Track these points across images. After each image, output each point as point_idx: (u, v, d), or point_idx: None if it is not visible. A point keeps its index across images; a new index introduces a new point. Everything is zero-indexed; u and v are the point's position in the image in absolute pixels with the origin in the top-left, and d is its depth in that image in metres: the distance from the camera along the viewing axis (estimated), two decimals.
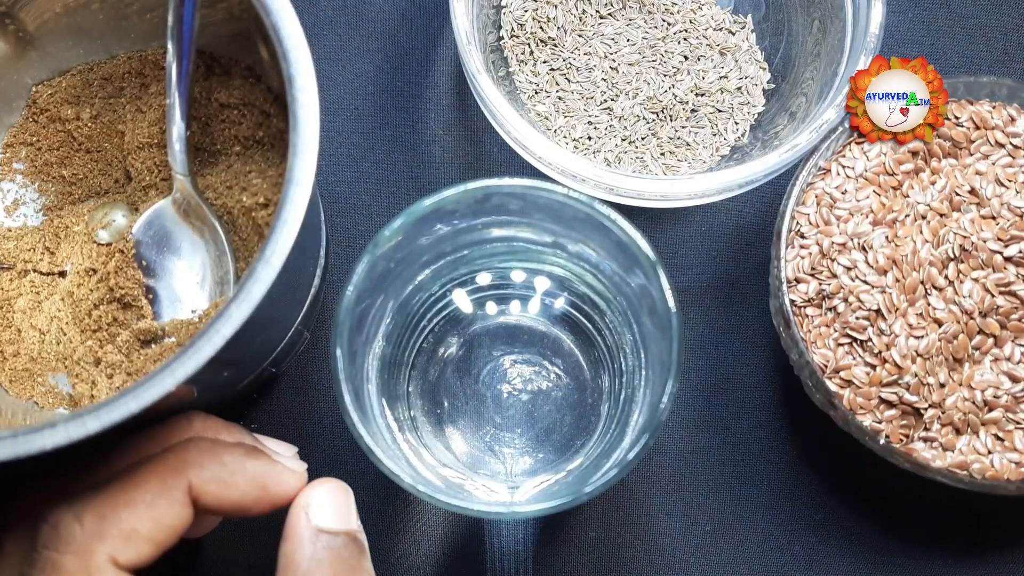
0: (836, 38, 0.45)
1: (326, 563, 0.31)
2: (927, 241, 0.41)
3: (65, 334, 0.42)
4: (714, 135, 0.48)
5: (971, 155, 0.43)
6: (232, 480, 0.31)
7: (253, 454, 0.32)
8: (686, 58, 0.48)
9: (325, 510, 0.32)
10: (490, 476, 0.40)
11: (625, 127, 0.47)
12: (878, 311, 0.40)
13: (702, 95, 0.48)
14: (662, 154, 0.47)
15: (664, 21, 0.48)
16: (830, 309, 0.41)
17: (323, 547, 0.31)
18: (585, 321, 0.41)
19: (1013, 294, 0.40)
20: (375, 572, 0.43)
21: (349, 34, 0.50)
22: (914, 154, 0.43)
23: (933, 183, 0.42)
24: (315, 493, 0.32)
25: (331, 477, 0.33)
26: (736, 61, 0.48)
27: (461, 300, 0.41)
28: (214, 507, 0.31)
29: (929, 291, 0.41)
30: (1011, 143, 0.43)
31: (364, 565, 0.32)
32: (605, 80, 0.48)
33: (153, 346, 0.41)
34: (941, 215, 0.42)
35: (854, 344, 0.41)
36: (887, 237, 0.41)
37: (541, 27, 0.48)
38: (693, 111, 0.48)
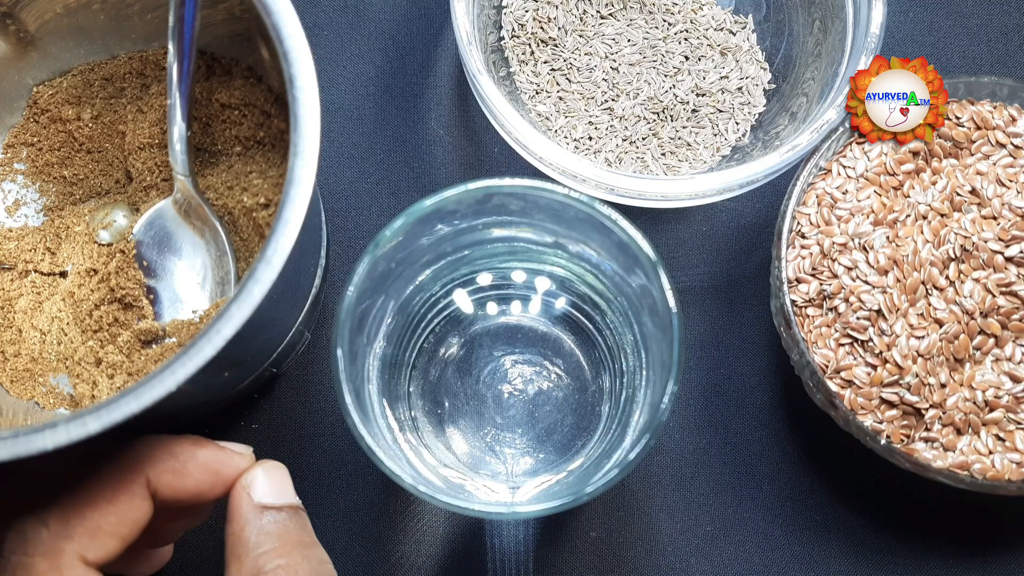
0: (837, 38, 0.45)
1: (274, 535, 0.32)
2: (928, 241, 0.41)
3: (66, 334, 0.42)
4: (715, 135, 0.48)
5: (972, 155, 0.43)
6: (185, 469, 0.32)
7: (201, 443, 0.33)
8: (687, 58, 0.48)
9: (266, 488, 0.33)
10: (491, 476, 0.40)
11: (626, 127, 0.47)
12: (879, 311, 0.40)
13: (703, 95, 0.48)
14: (663, 154, 0.47)
15: (665, 21, 0.48)
16: (831, 309, 0.41)
17: (269, 522, 0.32)
18: (586, 321, 0.41)
19: (1014, 294, 0.40)
20: (376, 572, 0.44)
21: (350, 34, 0.50)
22: (915, 154, 0.43)
23: (934, 183, 0.42)
24: (254, 474, 0.33)
25: (268, 459, 0.34)
26: (737, 61, 0.48)
27: (462, 300, 0.41)
28: (171, 497, 0.32)
29: (930, 291, 0.41)
30: (1012, 143, 0.43)
31: (308, 533, 0.33)
32: (606, 80, 0.48)
33: (154, 346, 0.41)
34: (942, 215, 0.42)
35: (855, 344, 0.41)
36: (888, 237, 0.41)
37: (542, 27, 0.48)
38: (694, 111, 0.48)
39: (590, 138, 0.47)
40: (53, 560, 0.29)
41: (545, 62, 0.48)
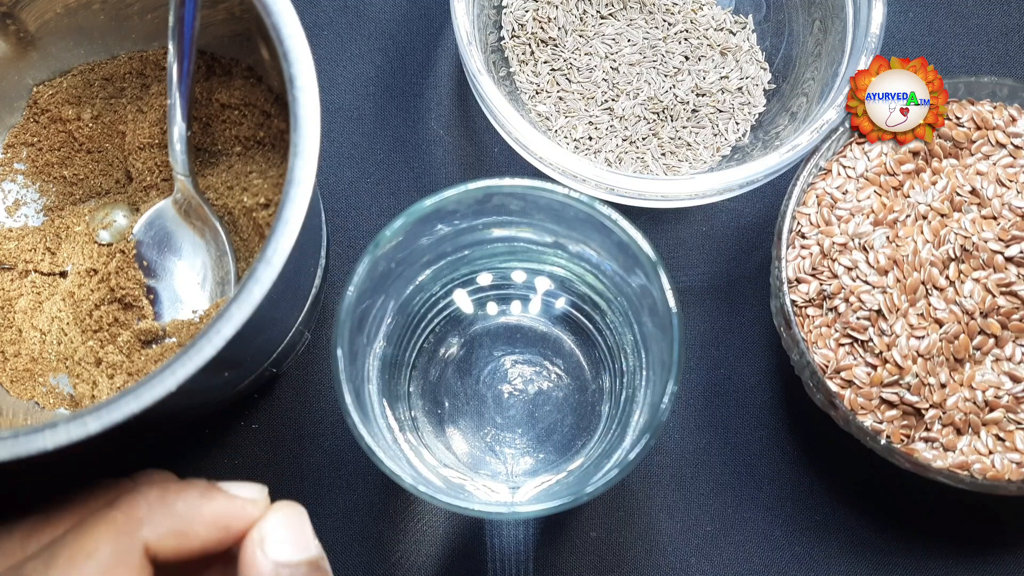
0: (837, 38, 0.45)
1: None
2: (928, 241, 0.41)
3: (66, 334, 0.42)
4: (715, 135, 0.48)
5: (972, 155, 0.43)
6: (190, 530, 0.29)
7: (207, 494, 0.30)
8: (687, 58, 0.48)
9: (281, 542, 0.29)
10: (491, 476, 0.40)
11: (626, 127, 0.47)
12: (879, 311, 0.40)
13: (703, 95, 0.48)
14: (663, 154, 0.47)
15: (665, 21, 0.48)
16: (831, 309, 0.41)
17: None
18: (586, 321, 0.41)
19: (1014, 294, 0.40)
20: (376, 572, 0.44)
21: (350, 34, 0.50)
22: (915, 154, 0.43)
23: (934, 183, 0.42)
24: (267, 525, 0.29)
25: (284, 501, 0.31)
26: (737, 61, 0.48)
27: (462, 300, 0.41)
28: (175, 559, 0.29)
29: (930, 291, 0.41)
30: (1012, 143, 0.43)
31: None
32: (606, 80, 0.48)
33: (154, 346, 0.41)
34: (942, 215, 0.42)
35: (855, 344, 0.41)
36: (888, 237, 0.41)
37: (542, 27, 0.48)
38: (694, 111, 0.48)
39: (590, 138, 0.47)
40: None
41: (545, 62, 0.48)
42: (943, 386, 0.40)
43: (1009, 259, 0.41)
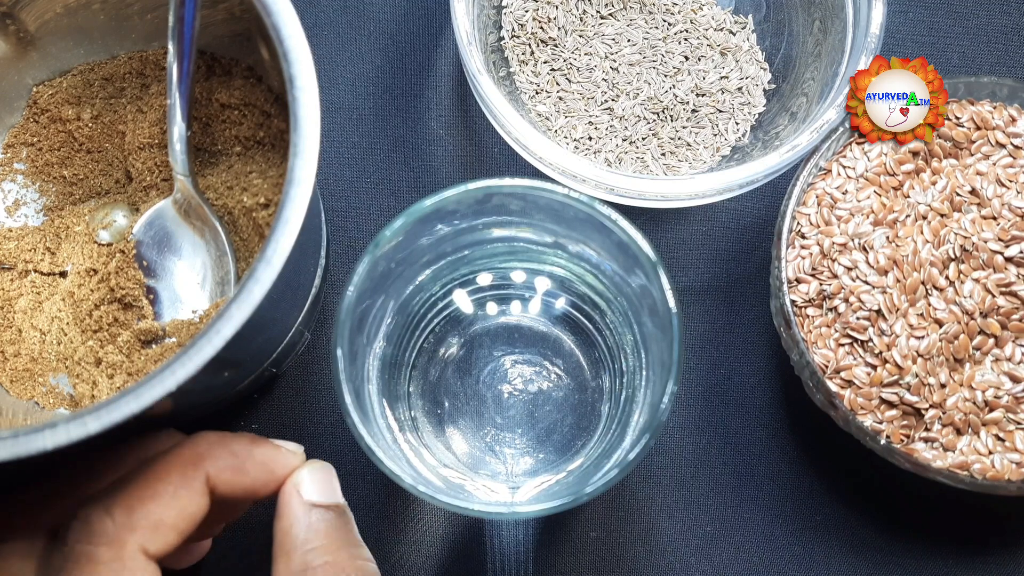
0: (837, 38, 0.45)
1: (322, 533, 0.33)
2: (928, 241, 0.41)
3: (66, 334, 0.42)
4: (715, 135, 0.48)
5: (972, 155, 0.43)
6: (243, 467, 0.33)
7: (257, 442, 0.34)
8: (687, 58, 0.48)
9: (314, 487, 0.34)
10: (491, 476, 0.40)
11: (626, 127, 0.47)
12: (879, 311, 0.40)
13: (703, 95, 0.48)
14: (663, 154, 0.47)
15: (665, 21, 0.48)
16: (831, 309, 0.41)
17: (317, 519, 0.33)
18: (586, 321, 0.41)
19: (1014, 294, 0.40)
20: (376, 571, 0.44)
21: (350, 34, 0.50)
22: (915, 154, 0.43)
23: (934, 183, 0.42)
24: (303, 473, 0.34)
25: (316, 459, 0.35)
26: (737, 61, 0.48)
27: (462, 300, 0.41)
28: (228, 493, 0.33)
29: (930, 291, 0.41)
30: (1012, 143, 0.43)
31: (354, 533, 0.34)
32: (606, 80, 0.48)
33: (154, 346, 0.41)
34: (942, 215, 0.42)
35: (855, 344, 0.41)
36: (888, 237, 0.41)
37: (542, 27, 0.48)
38: (694, 111, 0.48)
39: (590, 138, 0.47)
40: (116, 551, 0.30)
41: (545, 62, 0.48)
42: (943, 386, 0.40)
43: (1009, 259, 0.41)
